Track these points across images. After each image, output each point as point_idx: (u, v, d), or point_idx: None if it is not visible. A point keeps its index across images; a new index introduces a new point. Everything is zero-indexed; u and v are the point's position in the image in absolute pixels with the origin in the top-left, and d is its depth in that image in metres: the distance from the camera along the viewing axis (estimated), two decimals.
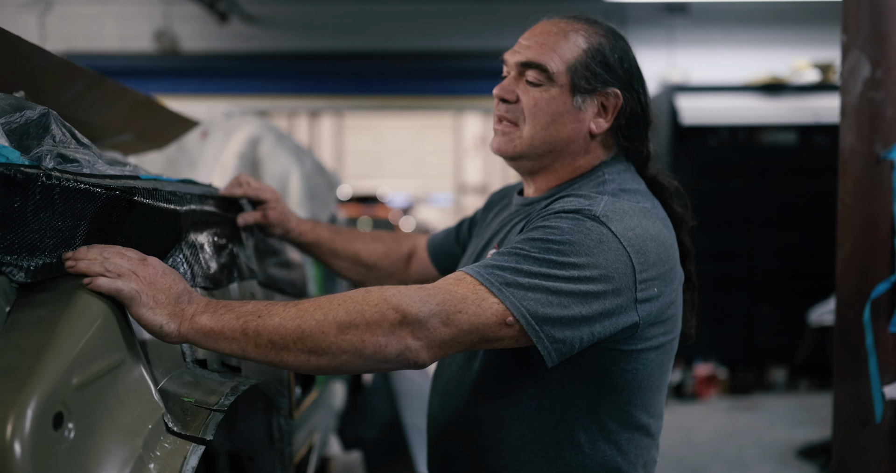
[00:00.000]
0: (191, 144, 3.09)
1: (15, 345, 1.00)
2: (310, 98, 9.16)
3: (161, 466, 1.08)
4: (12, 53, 1.54)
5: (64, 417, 0.97)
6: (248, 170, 3.02)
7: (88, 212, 1.17)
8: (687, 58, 8.19)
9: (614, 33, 1.53)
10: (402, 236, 2.03)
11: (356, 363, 1.23)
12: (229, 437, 1.77)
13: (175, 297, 1.21)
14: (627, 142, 1.53)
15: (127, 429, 1.07)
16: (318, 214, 3.10)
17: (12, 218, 1.06)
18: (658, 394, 1.49)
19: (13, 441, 0.89)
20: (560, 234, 1.32)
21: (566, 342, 1.29)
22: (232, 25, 8.31)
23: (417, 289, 1.25)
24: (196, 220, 1.47)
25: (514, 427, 1.44)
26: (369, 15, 8.37)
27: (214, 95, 8.59)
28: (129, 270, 1.16)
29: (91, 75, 1.79)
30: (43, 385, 0.95)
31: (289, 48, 8.45)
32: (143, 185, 1.30)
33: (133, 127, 2.17)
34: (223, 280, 1.52)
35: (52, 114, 1.30)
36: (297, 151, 3.14)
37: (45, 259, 1.11)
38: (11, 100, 1.28)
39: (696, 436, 5.69)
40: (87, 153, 1.35)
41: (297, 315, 1.21)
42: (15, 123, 1.23)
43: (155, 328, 1.18)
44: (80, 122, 1.96)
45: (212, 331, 1.20)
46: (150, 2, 8.18)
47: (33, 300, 1.08)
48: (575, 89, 1.47)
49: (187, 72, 8.49)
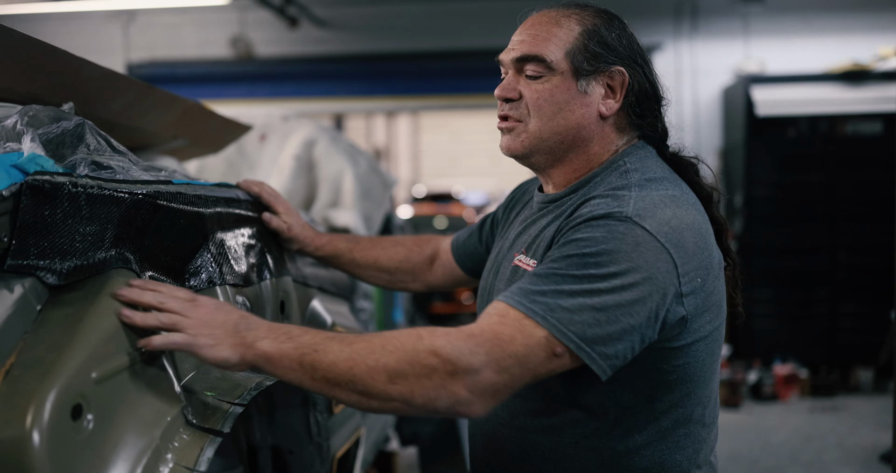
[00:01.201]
0: (250, 147, 3.18)
1: (42, 341, 1.07)
2: (381, 99, 9.28)
3: (178, 456, 1.14)
4: (62, 67, 1.64)
5: (83, 408, 1.04)
6: (304, 171, 3.10)
7: (114, 216, 1.23)
8: (763, 48, 7.98)
9: (607, 13, 1.49)
10: (424, 238, 2.02)
11: (406, 410, 1.25)
12: (270, 431, 1.83)
13: (233, 328, 1.25)
14: (640, 120, 1.48)
15: (146, 421, 1.14)
16: (372, 213, 3.16)
17: (43, 225, 1.14)
18: (710, 382, 1.45)
19: (32, 431, 0.96)
20: (595, 245, 1.28)
21: (619, 356, 1.27)
22: (303, 30, 8.48)
23: (467, 337, 1.23)
24: (223, 221, 1.53)
25: (567, 436, 1.41)
26: (437, 15, 8.43)
27: (289, 98, 8.80)
28: (181, 315, 1.23)
29: (140, 85, 1.87)
30: (63, 379, 1.02)
31: (359, 50, 8.58)
32: (168, 189, 1.36)
33: (186, 133, 2.26)
34: (253, 278, 1.58)
35: (87, 124, 1.37)
36: (351, 152, 3.21)
37: (75, 262, 1.18)
38: (50, 111, 1.36)
39: (773, 438, 5.55)
40: (123, 160, 1.42)
41: (349, 357, 1.21)
42: (52, 134, 1.31)
43: (221, 364, 1.23)
44: (134, 129, 2.06)
45: (272, 358, 1.23)
46: (225, 9, 8.42)
47: (62, 298, 1.15)
48: (577, 73, 1.43)
49: (262, 76, 8.72)
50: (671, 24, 8.17)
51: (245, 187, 1.79)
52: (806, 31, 7.97)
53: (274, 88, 8.77)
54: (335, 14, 8.52)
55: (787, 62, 7.81)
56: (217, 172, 3.18)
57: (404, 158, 20.95)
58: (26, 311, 1.10)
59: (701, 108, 8.13)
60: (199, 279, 1.41)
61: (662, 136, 1.53)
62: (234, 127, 2.44)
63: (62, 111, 1.40)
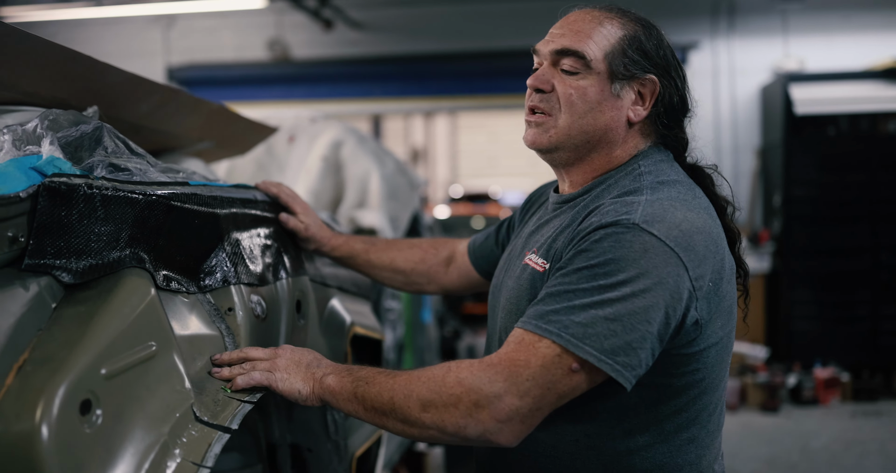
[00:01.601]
0: (279, 148, 3.23)
1: (54, 338, 1.11)
2: (417, 100, 9.31)
3: (186, 452, 1.17)
4: (86, 72, 1.68)
5: (92, 404, 1.07)
6: (332, 172, 3.13)
7: (129, 217, 1.27)
8: (802, 45, 7.87)
9: (647, 22, 1.50)
10: (440, 241, 2.03)
11: (443, 438, 1.32)
12: (289, 429, 1.85)
13: (305, 366, 1.42)
14: (666, 130, 1.50)
15: (155, 416, 1.17)
16: (398, 213, 3.18)
17: (59, 226, 1.18)
18: (717, 390, 1.45)
19: (41, 425, 0.99)
20: (602, 255, 1.29)
21: (642, 365, 1.28)
22: (338, 32, 8.56)
23: (486, 367, 1.28)
24: (238, 221, 1.56)
25: (568, 433, 1.42)
26: (472, 15, 8.44)
27: (325, 99, 8.88)
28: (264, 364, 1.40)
29: (164, 89, 1.91)
30: (72, 375, 1.05)
31: (394, 52, 8.63)
32: (183, 190, 1.39)
33: (211, 135, 2.30)
34: (269, 278, 1.61)
35: (105, 127, 1.41)
36: (378, 153, 3.23)
37: (90, 262, 1.21)
38: (70, 115, 1.40)
39: (813, 443, 5.46)
40: (140, 162, 1.46)
41: (391, 388, 1.32)
42: (71, 137, 1.35)
43: (295, 395, 1.39)
44: (160, 131, 2.11)
45: (334, 391, 1.37)
46: (262, 13, 8.53)
47: (76, 297, 1.19)
48: (613, 76, 1.44)
49: (298, 78, 8.81)
50: (708, 22, 8.09)
51: (264, 188, 1.83)
52: (846, 28, 7.83)
53: (310, 90, 8.86)
54: (370, 16, 8.58)
55: (827, 60, 7.68)
56: (247, 173, 3.23)
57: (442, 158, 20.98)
58: (41, 309, 1.14)
59: (739, 107, 8.04)
60: (214, 279, 1.45)
61: (683, 146, 1.54)
62: (259, 129, 2.48)
63: (82, 115, 1.44)
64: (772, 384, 6.34)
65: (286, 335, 1.65)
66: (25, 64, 1.54)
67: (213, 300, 1.44)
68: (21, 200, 1.14)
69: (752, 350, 6.78)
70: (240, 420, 1.25)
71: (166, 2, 7.89)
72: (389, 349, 3.15)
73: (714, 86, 8.09)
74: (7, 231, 1.13)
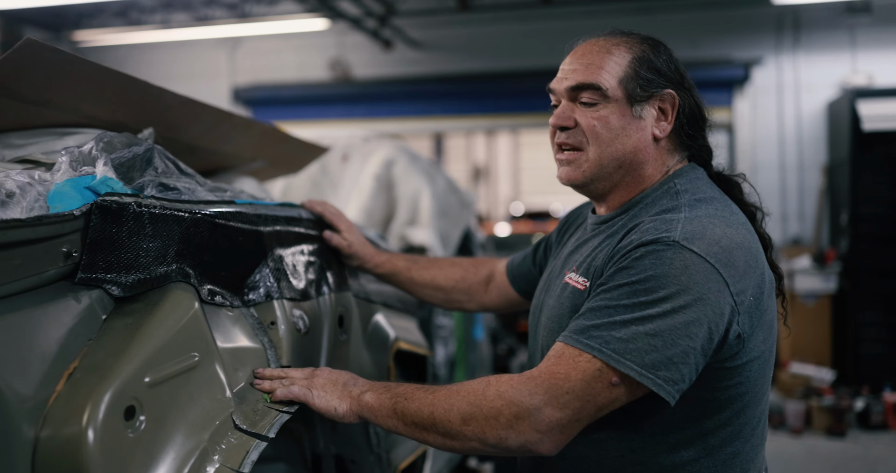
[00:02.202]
0: (333, 167, 3.31)
1: (103, 348, 1.18)
2: (477, 118, 9.37)
3: (224, 458, 1.22)
4: (143, 96, 1.77)
5: (136, 410, 1.13)
6: (384, 190, 3.19)
7: (175, 234, 1.34)
8: (870, 60, 7.69)
9: (652, 39, 1.54)
10: (481, 260, 2.07)
11: (484, 449, 1.36)
12: (333, 441, 1.90)
13: (342, 385, 1.46)
14: (691, 140, 1.52)
15: (196, 423, 1.22)
16: (448, 231, 3.23)
17: (110, 242, 1.25)
18: (760, 403, 1.45)
19: (87, 429, 1.06)
20: (643, 272, 1.32)
21: (685, 380, 1.30)
22: (398, 51, 8.69)
23: (527, 380, 1.32)
24: (282, 238, 1.62)
25: (612, 449, 1.42)
26: (530, 34, 8.48)
27: (385, 118, 9.01)
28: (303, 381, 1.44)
29: (217, 111, 2.00)
30: (118, 382, 1.11)
31: (453, 70, 8.72)
32: (228, 209, 1.46)
33: (264, 155, 2.38)
34: (312, 293, 1.66)
35: (156, 148, 1.49)
36: (429, 172, 3.29)
37: (139, 276, 1.28)
38: (123, 138, 1.48)
39: (880, 469, 5.30)
40: (189, 182, 1.53)
41: (431, 403, 1.36)
42: (123, 158, 1.43)
43: (331, 411, 1.44)
44: (214, 151, 2.19)
45: (373, 408, 1.41)
46: (324, 34, 8.71)
47: (124, 309, 1.26)
48: (632, 99, 1.47)
49: (359, 97, 8.95)
50: (773, 37, 7.97)
51: (309, 207, 1.89)
52: None
53: (371, 109, 8.99)
54: (429, 36, 8.69)
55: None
56: (301, 191, 3.31)
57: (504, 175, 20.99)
58: (92, 320, 1.21)
59: (804, 123, 7.88)
60: (258, 293, 1.50)
61: (708, 157, 1.56)
62: (311, 149, 2.55)
63: (135, 137, 1.52)
64: (838, 408, 6.17)
65: (328, 350, 1.70)
66: (86, 89, 1.64)
67: (257, 314, 1.49)
68: (75, 217, 1.22)
69: (817, 373, 6.61)
70: (277, 429, 1.30)
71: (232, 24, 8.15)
72: (441, 365, 3.19)
73: (779, 102, 7.96)
74: (62, 247, 1.20)
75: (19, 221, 1.13)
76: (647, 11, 8.01)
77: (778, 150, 7.91)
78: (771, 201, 7.89)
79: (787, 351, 6.96)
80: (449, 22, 8.49)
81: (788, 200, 7.93)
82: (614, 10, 8.07)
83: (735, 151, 8.15)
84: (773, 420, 6.25)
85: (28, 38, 1.44)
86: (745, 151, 8.08)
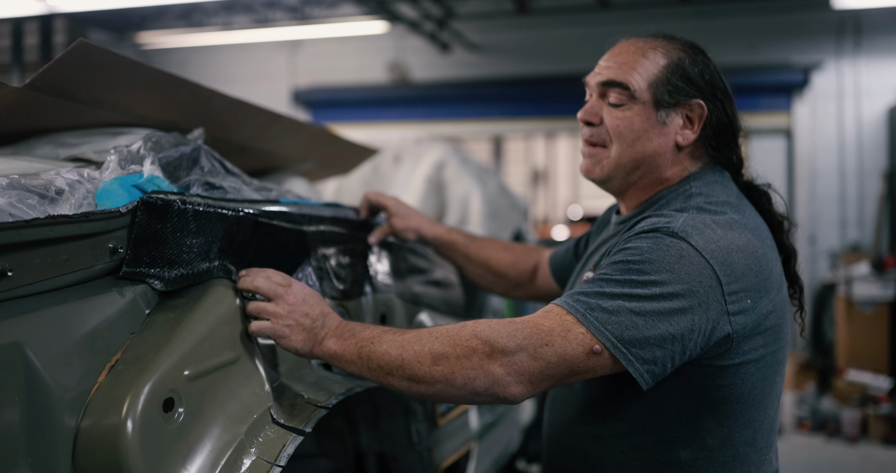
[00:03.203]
0: (385, 168, 3.34)
1: (145, 341, 1.21)
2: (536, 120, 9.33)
3: (261, 451, 1.24)
4: (193, 97, 1.81)
5: (175, 402, 1.16)
6: (434, 193, 3.21)
7: (219, 231, 1.37)
8: None
9: (693, 47, 1.53)
10: (531, 248, 2.09)
11: (449, 392, 1.34)
12: (375, 439, 1.92)
13: (311, 322, 1.40)
14: (716, 151, 1.52)
15: (233, 417, 1.25)
16: (498, 232, 3.22)
17: (155, 238, 1.29)
18: (763, 408, 1.45)
19: (126, 419, 1.09)
20: (639, 254, 1.34)
21: (657, 363, 1.30)
22: (456, 54, 8.71)
23: (508, 323, 1.32)
24: (325, 238, 1.65)
25: (614, 445, 1.46)
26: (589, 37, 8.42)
27: (443, 120, 9.03)
28: (272, 303, 1.38)
29: (266, 113, 2.03)
30: (157, 375, 1.15)
31: (511, 73, 8.70)
32: (271, 208, 1.49)
33: (314, 156, 2.42)
34: (353, 293, 1.68)
35: (203, 148, 1.53)
36: (480, 174, 3.29)
37: (182, 271, 1.31)
38: (171, 137, 1.52)
39: None
40: (235, 181, 1.57)
41: (400, 345, 1.34)
42: (171, 157, 1.47)
43: (293, 352, 1.40)
44: (264, 152, 2.23)
45: (335, 354, 1.39)
46: (383, 37, 8.78)
47: (167, 304, 1.29)
48: (658, 104, 1.48)
49: (417, 99, 8.99)
50: (833, 42, 7.77)
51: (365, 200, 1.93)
52: None
53: (429, 111, 9.03)
54: (487, 39, 8.69)
55: None
56: (354, 191, 3.35)
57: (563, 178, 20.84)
58: (135, 314, 1.25)
59: (864, 129, 7.67)
60: None
61: (738, 166, 1.56)
62: (361, 150, 2.58)
63: (182, 137, 1.56)
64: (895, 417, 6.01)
65: None
66: (137, 90, 1.68)
67: None
68: (121, 214, 1.25)
69: (874, 380, 6.44)
70: (314, 424, 1.32)
71: (293, 26, 8.26)
72: None
73: (838, 108, 7.76)
74: (108, 243, 1.24)
75: (67, 217, 1.16)
76: (707, 15, 7.89)
77: (837, 155, 7.72)
78: (830, 207, 7.74)
79: (843, 358, 6.79)
80: (507, 25, 8.48)
81: (848, 206, 7.73)
82: (672, 13, 7.97)
83: (794, 156, 7.98)
84: (828, 427, 6.15)
85: (81, 40, 1.48)
86: (805, 157, 7.90)
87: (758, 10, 7.79)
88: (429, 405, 1.97)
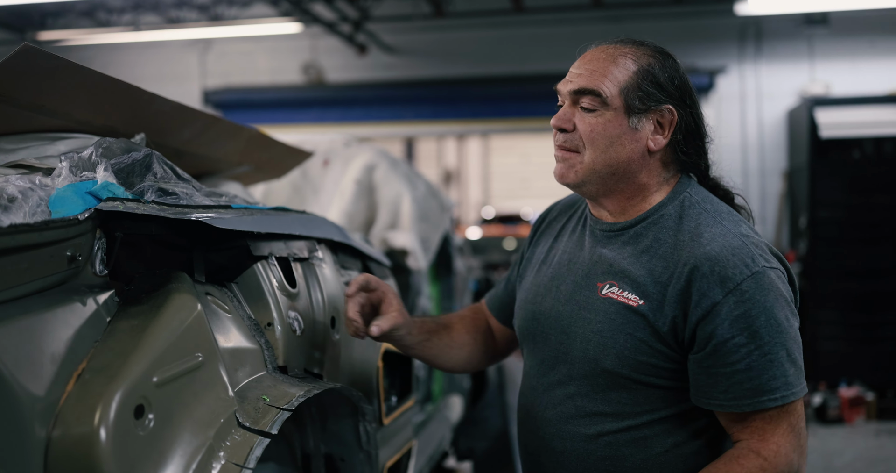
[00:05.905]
0: (314, 171, 3.33)
1: (109, 349, 1.20)
2: (449, 123, 9.44)
3: (229, 454, 1.26)
4: (132, 101, 1.79)
5: (145, 409, 1.16)
6: (365, 195, 3.23)
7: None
8: (828, 70, 7.94)
9: (662, 52, 1.55)
10: (469, 309, 1.96)
11: None
12: (323, 440, 1.94)
13: None
14: (685, 156, 1.56)
15: (201, 421, 1.26)
16: (429, 234, 3.27)
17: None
18: None
19: (99, 427, 1.09)
20: (760, 306, 1.42)
21: None
22: (371, 56, 8.72)
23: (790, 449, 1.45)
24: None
25: (657, 445, 1.50)
26: (504, 40, 8.57)
27: (358, 122, 9.03)
28: None
29: (206, 116, 2.03)
30: (127, 382, 1.14)
31: (427, 75, 8.77)
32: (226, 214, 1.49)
33: (250, 159, 2.41)
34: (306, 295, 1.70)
35: (154, 154, 1.52)
36: (409, 176, 3.33)
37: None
38: (122, 143, 1.51)
39: (836, 461, 5.45)
40: (186, 187, 1.56)
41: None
42: (123, 163, 1.46)
43: None
44: (201, 156, 2.22)
45: None
46: (297, 37, 8.71)
47: (129, 311, 1.29)
48: (629, 110, 1.49)
49: (332, 101, 8.96)
50: (736, 47, 8.17)
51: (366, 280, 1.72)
52: (871, 53, 7.89)
53: (344, 113, 9.01)
54: (403, 41, 8.73)
55: (852, 84, 7.75)
56: (282, 195, 3.34)
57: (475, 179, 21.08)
58: (97, 322, 1.24)
59: (766, 130, 8.09)
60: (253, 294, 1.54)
61: (705, 171, 1.61)
62: (296, 154, 2.58)
63: (133, 143, 1.55)
64: None
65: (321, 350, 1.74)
66: (80, 95, 1.66)
67: (254, 316, 1.53)
68: (79, 222, 1.25)
69: None
70: (279, 426, 1.34)
71: (203, 26, 8.10)
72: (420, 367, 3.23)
73: (742, 110, 8.15)
74: (66, 251, 1.23)
75: (28, 225, 1.15)
76: (616, 20, 8.14)
77: (741, 155, 8.10)
78: None
79: None
80: (423, 27, 8.54)
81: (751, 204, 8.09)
82: (584, 18, 8.19)
83: None
84: None
85: (26, 45, 1.46)
86: None
87: (666, 15, 8.09)
88: (376, 403, 1.99)
